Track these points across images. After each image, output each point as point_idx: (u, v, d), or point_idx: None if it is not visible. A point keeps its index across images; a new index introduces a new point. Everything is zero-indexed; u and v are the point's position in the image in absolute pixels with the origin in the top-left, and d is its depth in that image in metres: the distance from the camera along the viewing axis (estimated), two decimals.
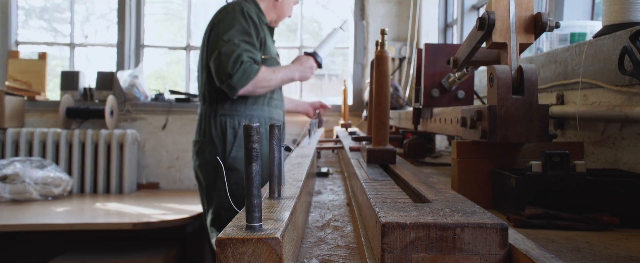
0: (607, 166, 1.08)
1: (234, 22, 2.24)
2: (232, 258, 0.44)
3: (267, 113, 2.40)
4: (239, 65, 2.17)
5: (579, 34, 1.47)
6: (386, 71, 1.02)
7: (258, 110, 2.39)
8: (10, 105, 3.67)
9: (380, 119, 1.02)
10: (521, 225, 0.76)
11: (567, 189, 0.79)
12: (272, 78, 2.26)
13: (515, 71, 0.84)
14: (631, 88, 0.99)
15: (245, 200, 0.47)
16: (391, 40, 4.02)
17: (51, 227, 2.74)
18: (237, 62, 2.17)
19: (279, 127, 0.60)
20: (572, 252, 0.63)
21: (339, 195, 1.09)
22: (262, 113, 2.40)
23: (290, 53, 4.39)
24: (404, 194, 0.65)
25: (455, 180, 0.95)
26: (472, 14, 3.13)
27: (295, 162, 1.09)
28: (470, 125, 0.94)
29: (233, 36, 2.20)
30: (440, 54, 1.38)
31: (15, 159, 3.37)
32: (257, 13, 2.37)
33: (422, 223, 0.47)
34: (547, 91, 1.33)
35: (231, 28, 2.23)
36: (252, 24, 2.27)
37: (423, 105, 1.43)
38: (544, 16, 0.85)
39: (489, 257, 0.47)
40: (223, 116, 2.32)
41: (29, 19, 4.48)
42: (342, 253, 0.64)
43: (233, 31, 2.22)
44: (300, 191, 0.69)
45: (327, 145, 1.76)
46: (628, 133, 1.02)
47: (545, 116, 0.83)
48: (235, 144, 2.30)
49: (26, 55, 4.07)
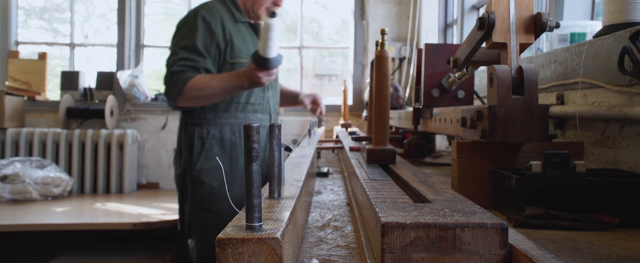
0: (607, 166, 1.08)
1: (184, 29, 2.08)
2: (232, 258, 0.44)
3: (241, 119, 2.17)
4: (169, 75, 2.02)
5: (579, 34, 1.47)
6: (386, 71, 1.02)
7: (229, 118, 2.15)
8: (10, 105, 3.67)
9: (380, 119, 1.02)
10: (521, 225, 0.76)
11: (567, 189, 0.79)
12: (207, 86, 1.98)
13: (515, 71, 0.84)
14: (631, 88, 0.99)
15: (245, 200, 0.47)
16: (391, 40, 4.02)
17: (51, 227, 2.74)
18: (168, 72, 2.03)
19: (279, 127, 0.60)
20: (572, 252, 0.63)
21: (339, 195, 1.09)
22: (235, 120, 2.16)
23: (290, 53, 4.39)
24: (404, 194, 0.65)
25: (455, 180, 0.95)
26: (472, 14, 3.13)
27: (295, 162, 1.09)
28: (470, 125, 0.94)
29: (176, 45, 2.05)
30: (440, 54, 1.38)
31: (15, 159, 3.37)
32: (227, 13, 2.16)
33: (422, 223, 0.47)
34: (547, 91, 1.33)
35: (178, 37, 2.08)
36: (206, 30, 2.06)
37: (423, 105, 1.43)
38: (544, 16, 0.85)
39: (489, 257, 0.47)
40: (192, 125, 2.13)
41: (29, 19, 4.48)
42: (342, 253, 0.64)
43: (178, 40, 2.07)
44: (300, 191, 0.69)
45: (327, 145, 1.76)
46: (628, 133, 1.02)
47: (545, 116, 0.83)
48: (202, 155, 2.10)
49: (26, 55, 4.07)
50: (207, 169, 2.09)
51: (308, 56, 4.50)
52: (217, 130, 2.12)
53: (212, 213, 2.06)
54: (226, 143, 2.13)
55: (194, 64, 2.02)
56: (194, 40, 2.03)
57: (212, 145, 2.11)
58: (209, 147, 2.10)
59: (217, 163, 2.10)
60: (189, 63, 2.01)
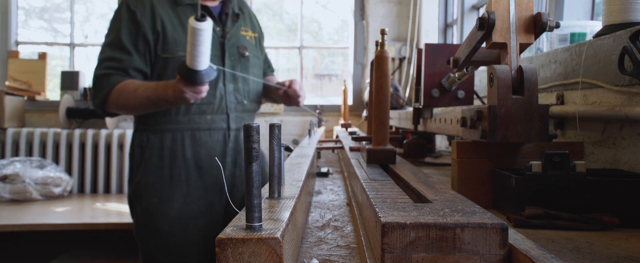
0: (607, 166, 1.08)
1: (111, 23, 1.78)
2: (232, 258, 0.44)
3: (185, 124, 1.78)
4: (94, 79, 1.73)
5: (579, 34, 1.47)
6: (386, 71, 1.02)
7: (170, 123, 1.77)
8: (10, 105, 3.67)
9: (380, 119, 1.02)
10: (521, 225, 0.76)
11: (567, 189, 0.79)
12: (131, 97, 1.65)
13: (515, 71, 0.84)
14: (631, 88, 0.99)
15: (245, 200, 0.47)
16: (391, 40, 4.02)
17: (51, 227, 2.74)
18: (94, 75, 1.73)
19: (279, 127, 0.60)
20: (572, 252, 0.63)
21: (339, 195, 1.09)
22: (177, 125, 1.78)
23: (290, 53, 4.40)
24: (404, 194, 0.65)
25: (455, 180, 0.95)
26: (472, 14, 3.14)
27: (295, 162, 1.09)
28: (470, 125, 0.94)
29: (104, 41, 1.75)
30: (440, 54, 1.38)
31: (15, 159, 3.37)
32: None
33: (422, 223, 0.47)
34: (547, 91, 1.33)
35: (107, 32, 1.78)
36: (130, 21, 1.73)
37: (423, 105, 1.43)
38: (544, 16, 0.85)
39: (489, 257, 0.47)
40: (137, 131, 1.84)
41: (29, 19, 4.48)
42: (342, 253, 0.64)
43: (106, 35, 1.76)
44: (300, 191, 0.70)
45: (327, 145, 1.76)
46: (628, 133, 1.02)
47: (545, 116, 0.83)
48: (142, 167, 1.78)
49: (26, 55, 4.08)
50: (145, 183, 1.77)
51: (308, 56, 4.50)
52: (157, 138, 1.78)
53: (149, 233, 1.76)
54: (165, 153, 1.77)
55: (119, 64, 1.70)
56: (119, 35, 1.72)
57: (151, 155, 1.77)
58: (147, 157, 1.78)
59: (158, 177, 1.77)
60: (114, 64, 1.70)
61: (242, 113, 1.89)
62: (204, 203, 1.81)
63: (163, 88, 1.62)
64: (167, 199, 1.76)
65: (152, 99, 1.64)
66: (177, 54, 1.74)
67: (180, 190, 1.77)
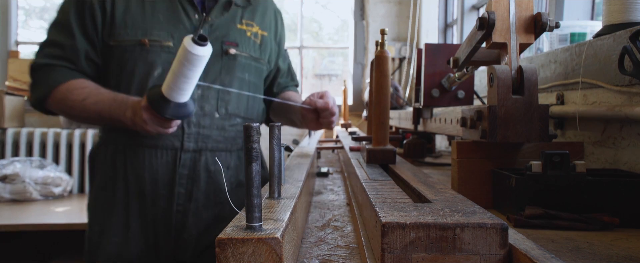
0: (607, 166, 1.08)
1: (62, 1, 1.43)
2: (232, 258, 0.44)
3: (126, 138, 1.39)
4: (31, 69, 1.39)
5: (579, 34, 1.47)
6: (386, 71, 1.02)
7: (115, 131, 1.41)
8: (10, 105, 3.67)
9: (380, 119, 1.02)
10: (521, 225, 0.76)
11: (567, 189, 0.79)
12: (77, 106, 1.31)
13: (515, 71, 0.84)
14: (631, 88, 0.99)
15: (245, 200, 0.48)
16: (391, 40, 4.03)
17: (51, 227, 2.74)
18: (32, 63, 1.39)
19: (279, 127, 0.60)
20: (572, 252, 0.63)
21: (339, 195, 1.09)
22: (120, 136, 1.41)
23: (291, 53, 4.40)
24: (404, 194, 0.65)
25: (455, 180, 0.95)
26: (472, 14, 3.14)
27: (295, 162, 1.09)
28: (470, 125, 0.94)
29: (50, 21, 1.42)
30: (440, 54, 1.38)
31: (15, 159, 3.37)
32: None
33: (422, 223, 0.47)
34: (547, 91, 1.33)
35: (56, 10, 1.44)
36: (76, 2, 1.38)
37: (423, 105, 1.43)
38: (544, 16, 0.85)
39: (489, 257, 0.47)
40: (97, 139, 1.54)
41: (29, 19, 4.48)
42: (342, 253, 0.64)
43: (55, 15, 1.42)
44: (300, 191, 0.70)
45: (327, 145, 1.76)
46: (628, 133, 1.02)
47: (545, 116, 0.83)
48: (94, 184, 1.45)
49: (26, 55, 4.08)
50: (92, 202, 1.44)
51: (308, 56, 4.50)
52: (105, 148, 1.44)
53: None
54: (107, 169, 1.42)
55: (63, 52, 1.36)
56: (67, 15, 1.37)
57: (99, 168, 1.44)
58: (98, 168, 1.44)
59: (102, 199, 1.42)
60: (57, 51, 1.36)
61: (211, 130, 1.42)
62: (146, 243, 1.39)
63: (120, 106, 1.27)
64: (107, 229, 1.39)
65: (103, 116, 1.30)
66: (126, 40, 1.35)
67: (118, 219, 1.39)
